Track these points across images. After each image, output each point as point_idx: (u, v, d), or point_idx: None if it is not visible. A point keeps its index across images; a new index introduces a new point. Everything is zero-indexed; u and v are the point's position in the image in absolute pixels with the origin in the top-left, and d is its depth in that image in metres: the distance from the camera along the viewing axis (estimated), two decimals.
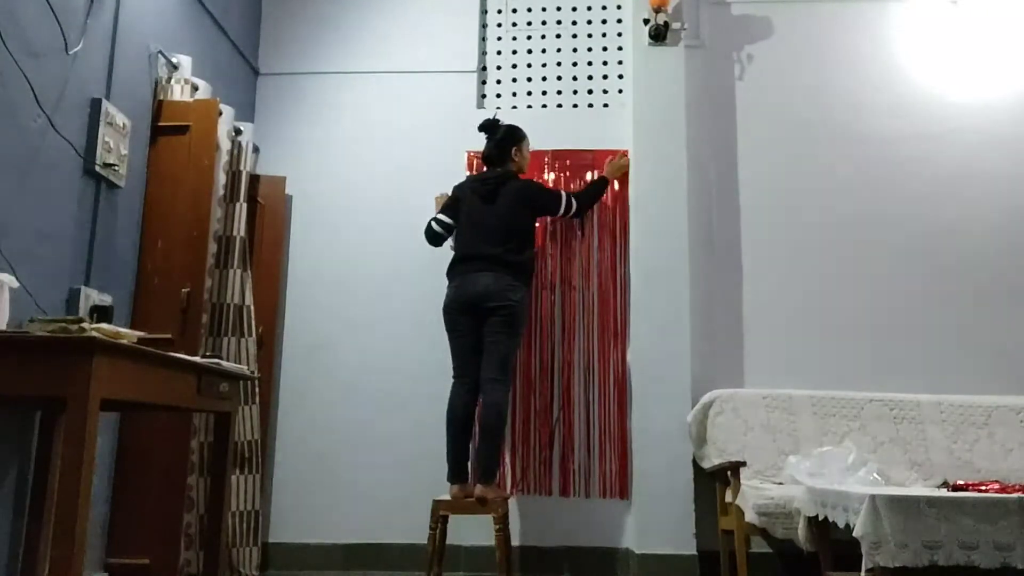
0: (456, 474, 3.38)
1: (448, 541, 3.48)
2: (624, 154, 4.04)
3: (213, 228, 3.28)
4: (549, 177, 4.11)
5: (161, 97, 3.27)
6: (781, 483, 3.31)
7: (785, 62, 4.16)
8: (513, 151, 3.73)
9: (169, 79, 3.32)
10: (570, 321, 3.97)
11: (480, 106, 4.26)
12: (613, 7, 4.33)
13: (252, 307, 3.45)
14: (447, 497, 3.32)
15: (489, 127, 3.78)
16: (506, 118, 4.20)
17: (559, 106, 4.26)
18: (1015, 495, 2.36)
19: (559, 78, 4.29)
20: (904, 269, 3.93)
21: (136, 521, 2.96)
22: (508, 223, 3.57)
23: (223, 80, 3.80)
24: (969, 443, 3.55)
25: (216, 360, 2.72)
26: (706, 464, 3.55)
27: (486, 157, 3.77)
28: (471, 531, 3.68)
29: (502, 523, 3.28)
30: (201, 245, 3.20)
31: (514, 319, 3.46)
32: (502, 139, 3.74)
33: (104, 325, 2.04)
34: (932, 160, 4.03)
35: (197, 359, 2.59)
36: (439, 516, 3.29)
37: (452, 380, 3.50)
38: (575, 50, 4.32)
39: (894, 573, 2.23)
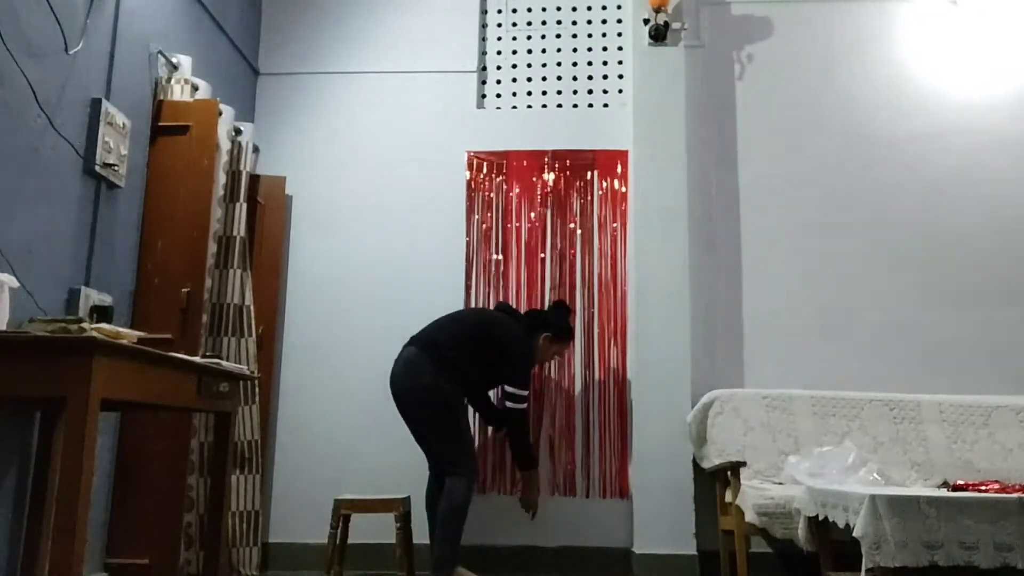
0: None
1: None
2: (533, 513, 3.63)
3: (213, 228, 3.28)
4: (549, 177, 4.11)
5: (161, 97, 3.27)
6: (781, 483, 3.30)
7: (785, 62, 4.16)
8: (538, 328, 3.48)
9: (169, 79, 3.32)
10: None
11: (480, 106, 4.26)
12: (613, 7, 4.33)
13: (252, 307, 3.45)
14: (349, 496, 3.31)
15: (562, 305, 3.64)
16: (506, 118, 4.22)
17: (559, 106, 4.25)
18: (1015, 495, 2.36)
19: (559, 78, 4.29)
20: (904, 269, 3.92)
21: (136, 521, 2.96)
22: (472, 330, 3.29)
23: (223, 80, 3.80)
24: (969, 443, 3.54)
25: (216, 360, 2.72)
26: (706, 464, 3.54)
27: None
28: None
29: (403, 521, 3.24)
30: (201, 245, 3.20)
31: (430, 405, 3.15)
32: (543, 313, 3.60)
33: (104, 325, 2.05)
34: (932, 160, 4.03)
35: (197, 359, 2.59)
36: (340, 515, 3.27)
37: None
38: (575, 50, 4.31)
39: (894, 573, 2.22)
